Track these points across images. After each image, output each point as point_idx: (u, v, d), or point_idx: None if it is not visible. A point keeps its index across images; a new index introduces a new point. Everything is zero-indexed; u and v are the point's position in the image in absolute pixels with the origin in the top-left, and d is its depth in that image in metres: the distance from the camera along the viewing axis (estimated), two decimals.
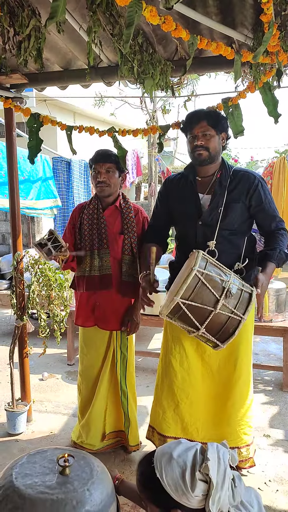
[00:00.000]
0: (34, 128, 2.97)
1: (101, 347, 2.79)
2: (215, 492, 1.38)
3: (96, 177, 2.66)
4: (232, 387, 2.50)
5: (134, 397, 2.90)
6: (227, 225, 2.35)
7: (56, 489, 1.51)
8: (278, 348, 4.98)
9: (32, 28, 2.08)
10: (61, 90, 3.15)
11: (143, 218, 2.81)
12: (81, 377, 2.89)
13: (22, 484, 1.51)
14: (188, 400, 2.53)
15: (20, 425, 3.18)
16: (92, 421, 2.81)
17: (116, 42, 2.09)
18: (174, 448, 1.51)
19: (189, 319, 2.02)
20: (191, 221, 2.43)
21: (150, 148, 10.06)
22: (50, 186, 5.97)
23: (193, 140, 2.35)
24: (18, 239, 3.22)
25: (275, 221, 2.45)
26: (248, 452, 2.55)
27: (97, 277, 2.67)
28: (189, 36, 1.92)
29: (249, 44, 2.32)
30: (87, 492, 1.52)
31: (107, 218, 2.71)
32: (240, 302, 2.07)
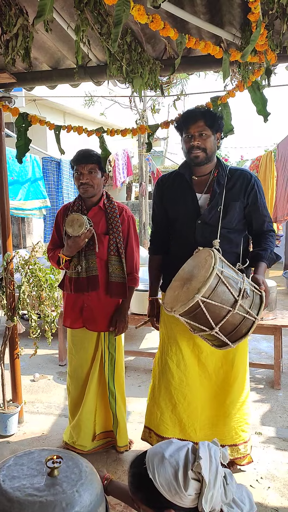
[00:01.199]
0: (23, 128, 2.96)
1: (89, 348, 2.78)
2: (207, 490, 1.39)
3: (78, 178, 2.62)
4: (230, 386, 2.51)
5: (123, 397, 2.88)
6: (226, 223, 2.36)
7: (44, 491, 1.49)
8: (269, 346, 5.00)
9: (20, 27, 2.07)
10: (50, 89, 3.14)
11: (128, 217, 2.78)
12: (70, 378, 2.87)
13: (10, 487, 1.49)
14: (185, 401, 2.53)
15: (11, 426, 3.16)
16: (83, 422, 2.80)
17: (105, 41, 2.08)
18: (165, 448, 1.50)
19: (204, 318, 2.00)
20: (190, 221, 2.42)
21: (141, 147, 10.06)
22: (39, 187, 5.95)
23: (189, 139, 2.32)
24: (8, 239, 3.20)
25: (266, 222, 2.47)
26: (246, 449, 2.57)
27: (84, 279, 2.64)
28: (177, 35, 1.92)
29: (237, 43, 2.34)
30: (76, 494, 1.51)
31: (92, 218, 2.66)
32: (253, 303, 2.07)
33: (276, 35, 2.31)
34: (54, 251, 2.73)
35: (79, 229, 2.48)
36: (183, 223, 2.48)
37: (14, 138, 3.85)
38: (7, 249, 3.20)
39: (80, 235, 2.49)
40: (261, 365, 4.24)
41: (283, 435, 3.13)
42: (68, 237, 2.53)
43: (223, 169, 2.43)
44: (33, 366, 4.49)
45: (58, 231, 2.79)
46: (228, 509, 1.45)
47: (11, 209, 4.78)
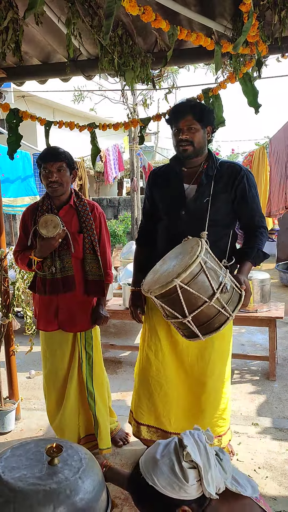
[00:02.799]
0: (14, 123, 2.94)
1: (66, 350, 2.68)
2: (205, 472, 1.40)
3: (47, 176, 2.50)
4: (205, 383, 2.49)
5: (103, 398, 2.77)
6: (211, 216, 2.32)
7: (47, 480, 1.49)
8: (263, 338, 5.03)
9: (10, 21, 2.05)
10: (40, 84, 3.12)
11: (99, 214, 2.71)
12: (45, 381, 2.78)
13: (11, 478, 1.50)
14: (161, 391, 2.54)
15: (9, 423, 3.16)
16: (66, 425, 2.72)
17: (96, 34, 2.07)
18: (155, 451, 1.51)
19: (179, 304, 1.98)
20: (174, 211, 2.40)
21: (132, 143, 10.03)
22: (30, 184, 5.92)
23: (178, 133, 2.31)
24: (1, 236, 3.18)
25: (257, 217, 2.43)
26: (220, 442, 2.55)
27: (59, 280, 2.54)
28: (169, 27, 1.91)
29: (229, 35, 2.33)
30: (80, 480, 1.52)
31: (63, 217, 2.56)
32: (231, 300, 2.05)
33: (267, 26, 2.31)
34: (24, 253, 2.61)
35: (54, 230, 2.40)
36: (168, 213, 2.46)
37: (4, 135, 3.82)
38: (1, 245, 3.18)
39: (54, 236, 2.41)
40: (256, 357, 4.26)
41: (280, 425, 3.16)
42: (42, 239, 2.44)
43: (213, 161, 2.41)
44: (28, 363, 4.48)
45: (26, 232, 2.66)
46: (232, 484, 1.46)
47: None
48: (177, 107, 2.38)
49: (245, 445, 2.91)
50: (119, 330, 5.50)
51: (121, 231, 11.90)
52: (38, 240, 2.46)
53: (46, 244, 2.43)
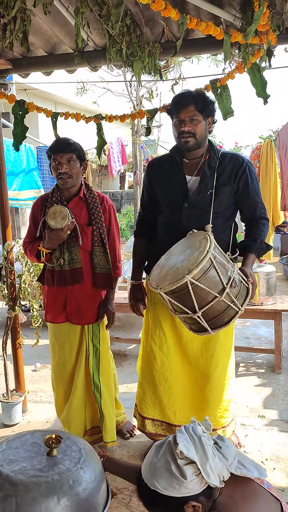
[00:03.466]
0: (19, 115, 2.93)
1: (74, 342, 2.68)
2: (203, 465, 1.40)
3: (57, 168, 2.49)
4: (210, 374, 2.49)
5: (109, 391, 2.76)
6: (214, 208, 2.31)
7: (49, 471, 1.48)
8: (268, 331, 5.03)
9: (18, 10, 2.02)
10: (45, 76, 3.10)
11: (109, 206, 2.69)
12: (54, 373, 2.79)
13: (11, 471, 1.47)
14: (166, 384, 2.54)
15: (15, 415, 3.17)
16: (72, 417, 2.73)
17: (104, 23, 2.05)
18: (151, 455, 1.51)
19: (189, 300, 1.98)
20: (176, 203, 2.37)
21: (134, 136, 9.98)
22: (34, 177, 5.91)
23: (180, 124, 2.28)
24: (8, 229, 3.18)
25: (258, 208, 2.42)
26: (224, 433, 2.56)
27: (67, 272, 2.54)
28: (179, 16, 1.89)
29: (237, 24, 2.31)
30: (81, 471, 1.52)
31: (73, 209, 2.56)
32: (240, 293, 2.06)
33: (277, 15, 2.29)
34: (33, 244, 2.61)
35: (62, 222, 2.39)
36: (170, 206, 2.43)
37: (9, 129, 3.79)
38: (7, 238, 3.17)
39: (63, 228, 2.40)
40: (262, 350, 4.26)
41: (286, 417, 3.16)
42: (50, 230, 2.43)
43: (215, 152, 2.39)
44: (34, 356, 4.49)
45: (36, 223, 2.66)
46: (237, 468, 1.45)
47: None
48: (178, 97, 2.34)
49: (252, 437, 2.91)
50: (124, 323, 5.51)
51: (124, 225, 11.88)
52: (47, 231, 2.46)
53: (55, 235, 2.43)
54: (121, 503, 2.33)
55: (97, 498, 1.55)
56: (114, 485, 2.37)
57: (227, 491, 1.44)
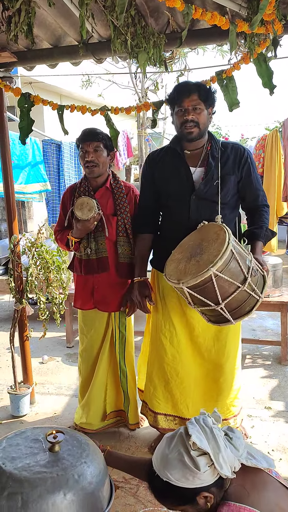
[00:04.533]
0: (25, 108, 2.92)
1: (100, 328, 2.78)
2: (215, 456, 1.41)
3: (84, 156, 2.57)
4: (222, 364, 2.51)
5: (133, 376, 2.89)
6: (221, 198, 2.31)
7: (53, 467, 1.47)
8: (274, 323, 5.03)
9: (22, 2, 2.02)
10: (50, 68, 3.09)
11: (135, 196, 2.74)
12: (81, 357, 2.89)
13: (14, 468, 1.46)
14: (178, 378, 2.55)
15: (23, 407, 3.20)
16: (92, 400, 2.81)
17: (109, 14, 2.04)
18: (163, 447, 1.52)
19: (213, 292, 1.98)
20: (183, 196, 2.36)
21: (140, 128, 9.95)
22: (40, 170, 5.91)
23: (183, 114, 2.25)
24: (14, 222, 3.19)
25: (260, 196, 2.45)
26: (236, 422, 2.59)
27: (94, 260, 2.63)
28: (184, 6, 1.88)
29: (243, 14, 2.28)
30: (85, 465, 1.52)
31: (99, 200, 2.63)
32: (258, 282, 2.07)
33: (283, 5, 2.26)
34: (63, 233, 2.70)
35: (89, 213, 2.44)
36: (176, 199, 2.41)
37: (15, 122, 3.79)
38: (14, 231, 3.19)
39: (89, 219, 2.46)
40: (268, 341, 4.26)
41: None
42: (77, 220, 2.50)
43: (216, 142, 2.38)
44: (41, 348, 4.53)
45: (65, 212, 2.75)
46: (247, 459, 1.47)
47: None
48: (181, 85, 2.32)
49: (258, 429, 2.93)
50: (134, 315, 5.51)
51: None
52: (74, 222, 2.53)
53: (81, 226, 2.50)
54: (128, 493, 2.35)
55: (102, 492, 1.55)
56: (122, 475, 2.40)
57: (237, 481, 1.45)
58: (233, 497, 1.41)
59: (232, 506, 1.38)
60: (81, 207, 2.46)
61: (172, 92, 2.35)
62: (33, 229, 9.34)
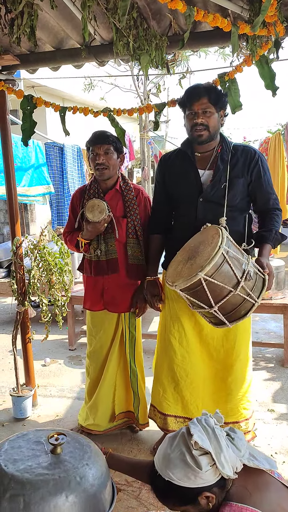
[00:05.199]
0: (28, 110, 2.93)
1: (109, 329, 2.78)
2: (217, 455, 1.41)
3: (94, 159, 2.59)
4: (232, 364, 2.51)
5: (143, 376, 2.90)
6: (229, 201, 2.32)
7: (55, 469, 1.47)
8: (277, 326, 5.01)
9: (25, 5, 2.03)
10: (53, 71, 3.10)
11: (145, 199, 2.76)
12: (89, 359, 2.88)
13: (16, 470, 1.46)
14: (188, 379, 2.54)
15: (26, 409, 3.20)
16: (100, 401, 2.81)
17: (111, 17, 2.04)
18: (165, 446, 1.52)
19: (205, 296, 1.99)
20: (191, 198, 2.39)
21: (142, 131, 9.97)
22: (43, 173, 5.92)
23: (193, 117, 2.28)
24: (17, 224, 3.20)
25: (271, 199, 2.43)
26: (247, 426, 2.57)
27: (104, 262, 2.65)
28: (185, 8, 1.88)
29: (245, 16, 2.29)
30: (87, 467, 1.52)
31: (109, 202, 2.64)
32: (255, 286, 2.06)
33: (285, 7, 2.26)
34: (72, 235, 2.72)
35: (99, 215, 2.46)
36: (185, 200, 2.44)
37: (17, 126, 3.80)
38: (16, 234, 3.19)
39: (100, 221, 2.48)
40: (271, 344, 4.26)
41: None
42: (88, 222, 2.52)
43: (227, 145, 2.39)
44: (43, 351, 4.53)
45: (75, 214, 2.76)
46: (249, 460, 1.46)
47: None
48: (191, 89, 2.34)
49: (261, 431, 2.91)
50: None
51: None
52: (85, 224, 2.55)
53: (92, 227, 2.52)
54: (131, 496, 2.34)
55: (104, 494, 1.55)
56: (124, 477, 2.39)
57: (239, 482, 1.45)
58: (235, 497, 1.41)
59: (234, 506, 1.37)
60: (92, 209, 2.47)
61: (183, 96, 2.37)
62: (36, 232, 9.35)
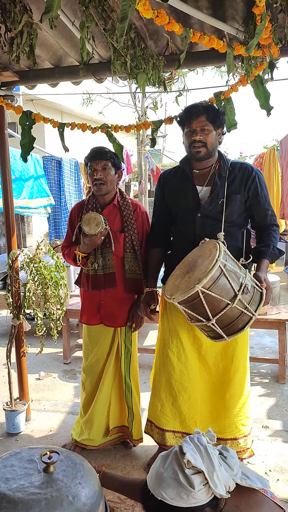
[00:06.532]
0: (26, 126, 2.96)
1: (106, 343, 2.78)
2: (210, 474, 1.40)
3: (92, 174, 2.62)
4: (230, 380, 2.51)
5: (138, 390, 2.89)
6: (226, 217, 2.36)
7: (47, 488, 1.46)
8: (272, 341, 5.01)
9: (24, 24, 2.07)
10: (51, 87, 3.15)
11: (142, 213, 2.79)
12: (85, 373, 2.87)
13: (8, 489, 1.45)
14: (186, 394, 2.54)
15: (19, 424, 3.17)
16: (95, 416, 2.80)
17: (109, 37, 2.09)
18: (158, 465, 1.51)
19: (202, 308, 2.01)
20: (189, 214, 2.43)
21: (140, 145, 10.06)
22: (42, 185, 5.95)
23: (191, 134, 2.33)
24: (13, 238, 3.21)
25: (268, 216, 2.48)
26: (246, 443, 2.57)
27: (101, 276, 2.66)
28: (182, 30, 1.92)
29: (240, 37, 2.34)
30: (80, 486, 1.50)
31: (107, 216, 2.66)
32: (253, 299, 2.08)
33: (279, 29, 2.31)
34: (70, 248, 2.74)
35: (96, 228, 2.48)
36: (183, 216, 2.49)
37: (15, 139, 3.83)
38: (12, 247, 3.20)
39: (96, 234, 2.50)
40: (266, 359, 4.25)
41: None
42: (85, 235, 2.54)
43: (225, 162, 2.44)
44: (38, 364, 4.50)
45: (73, 228, 2.79)
46: (242, 479, 1.46)
47: (16, 208, 4.80)
48: (190, 107, 2.41)
49: (255, 448, 2.89)
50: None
51: None
52: (82, 237, 2.57)
53: (89, 240, 2.53)
54: None
55: None
56: (117, 495, 2.37)
57: (232, 501, 1.44)
58: None
59: None
60: (89, 222, 2.49)
61: (181, 114, 2.44)
62: (32, 244, 9.36)
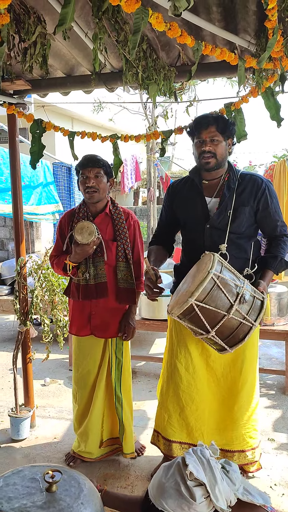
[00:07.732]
0: (37, 133, 2.99)
1: (96, 354, 2.73)
2: (212, 487, 1.39)
3: (84, 182, 2.58)
4: (238, 392, 2.50)
5: (129, 403, 2.83)
6: (235, 228, 2.36)
7: (50, 508, 1.45)
8: (279, 352, 4.98)
9: (38, 35, 2.10)
10: (63, 96, 3.18)
11: (134, 222, 2.76)
12: (76, 385, 2.82)
13: (10, 508, 1.44)
14: (193, 405, 2.52)
15: (23, 430, 3.17)
16: (90, 428, 2.75)
17: (122, 49, 2.11)
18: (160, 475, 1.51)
19: (200, 321, 2.02)
20: (198, 225, 2.43)
21: (149, 153, 10.10)
22: (51, 191, 5.99)
23: (201, 145, 2.34)
24: (22, 244, 3.23)
25: (279, 227, 2.47)
26: (254, 456, 2.55)
27: (92, 286, 2.62)
28: (194, 42, 1.94)
29: (252, 50, 2.35)
30: (82, 506, 1.49)
31: (98, 225, 2.62)
32: (252, 309, 2.08)
33: None
34: (59, 258, 2.68)
35: (89, 237, 2.45)
36: (192, 227, 2.50)
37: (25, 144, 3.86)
38: (21, 253, 3.22)
39: (89, 243, 2.47)
40: (272, 370, 4.22)
41: None
42: (76, 245, 2.50)
43: (234, 173, 2.44)
44: (43, 371, 4.51)
45: (63, 237, 2.74)
46: (243, 494, 1.45)
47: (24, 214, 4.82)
48: (200, 118, 2.41)
49: (261, 461, 2.86)
50: (134, 340, 5.45)
51: None
52: (73, 246, 2.53)
53: (81, 250, 2.50)
54: None
55: None
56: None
57: None
58: None
59: None
60: (81, 231, 2.47)
61: (191, 124, 2.44)
62: (41, 249, 9.40)
